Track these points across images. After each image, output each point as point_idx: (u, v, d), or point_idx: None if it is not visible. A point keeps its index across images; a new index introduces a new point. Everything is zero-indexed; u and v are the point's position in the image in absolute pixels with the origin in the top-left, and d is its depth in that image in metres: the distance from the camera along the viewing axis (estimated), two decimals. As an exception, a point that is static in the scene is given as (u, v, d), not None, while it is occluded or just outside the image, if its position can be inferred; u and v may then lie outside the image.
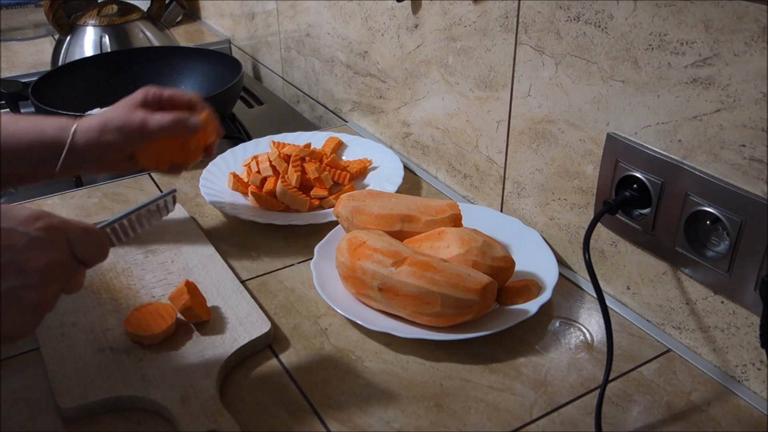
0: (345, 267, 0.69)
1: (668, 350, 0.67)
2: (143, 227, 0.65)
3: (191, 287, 0.70)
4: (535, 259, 0.76)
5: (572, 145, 0.73)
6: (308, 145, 0.99)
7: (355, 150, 1.03)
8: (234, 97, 1.12)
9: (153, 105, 0.75)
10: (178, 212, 0.88)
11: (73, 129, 0.72)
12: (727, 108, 0.57)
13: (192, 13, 1.93)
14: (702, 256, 0.62)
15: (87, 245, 0.55)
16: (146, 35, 1.38)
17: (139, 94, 0.75)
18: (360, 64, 1.10)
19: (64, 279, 0.54)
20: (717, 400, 0.61)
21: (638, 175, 0.65)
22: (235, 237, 0.86)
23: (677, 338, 0.68)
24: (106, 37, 1.34)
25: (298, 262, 0.81)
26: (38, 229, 0.51)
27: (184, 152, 0.77)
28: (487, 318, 0.68)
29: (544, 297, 0.69)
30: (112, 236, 0.61)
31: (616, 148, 0.67)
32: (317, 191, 0.91)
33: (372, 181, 0.96)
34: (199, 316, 0.68)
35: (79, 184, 1.03)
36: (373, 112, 1.11)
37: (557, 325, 0.71)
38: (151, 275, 0.76)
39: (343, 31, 1.12)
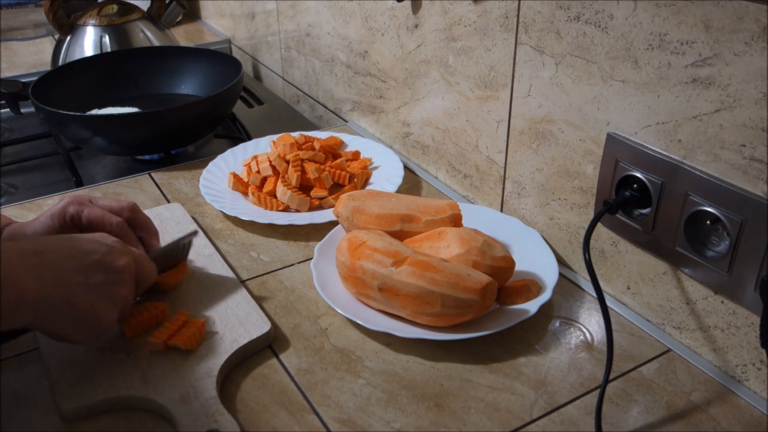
0: (345, 267, 0.69)
1: (668, 350, 0.67)
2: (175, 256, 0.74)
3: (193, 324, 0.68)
4: (535, 259, 0.76)
5: (572, 145, 0.73)
6: (328, 146, 1.00)
7: (355, 150, 1.03)
8: (234, 97, 1.12)
9: None
10: (179, 212, 0.88)
11: None
12: (727, 108, 0.57)
13: (192, 13, 1.93)
14: (702, 256, 0.62)
15: (144, 263, 0.65)
16: (146, 35, 1.38)
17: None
18: (360, 64, 1.10)
19: (133, 288, 0.62)
20: (717, 400, 0.61)
21: (638, 175, 0.65)
22: (235, 237, 0.86)
23: (677, 338, 0.68)
24: (106, 37, 1.34)
25: (298, 262, 0.81)
26: (113, 241, 0.62)
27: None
28: (487, 318, 0.68)
29: (544, 297, 0.69)
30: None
31: (616, 148, 0.67)
32: (317, 191, 0.91)
33: (372, 181, 0.96)
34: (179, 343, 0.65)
35: (79, 183, 1.03)
36: (373, 112, 1.10)
37: (557, 325, 0.71)
38: (151, 275, 0.76)
39: (343, 31, 1.12)
